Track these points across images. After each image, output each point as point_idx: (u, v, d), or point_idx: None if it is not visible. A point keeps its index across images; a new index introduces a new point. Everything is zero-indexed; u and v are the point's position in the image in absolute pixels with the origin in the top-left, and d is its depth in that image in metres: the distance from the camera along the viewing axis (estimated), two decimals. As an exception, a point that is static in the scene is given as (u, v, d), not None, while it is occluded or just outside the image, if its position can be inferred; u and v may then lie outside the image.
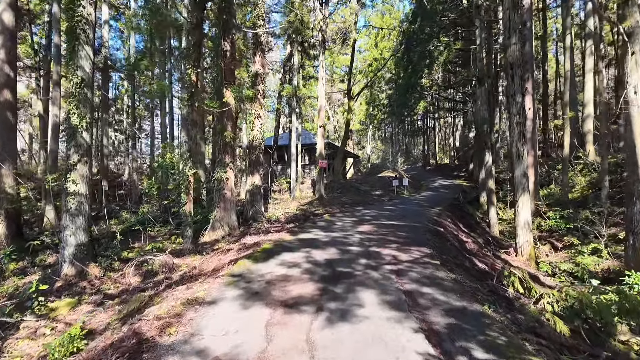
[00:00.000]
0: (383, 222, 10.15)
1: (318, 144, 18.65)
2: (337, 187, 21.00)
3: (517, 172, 10.55)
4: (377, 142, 54.72)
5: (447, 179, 30.82)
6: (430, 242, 7.77)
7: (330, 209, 14.50)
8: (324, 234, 8.00)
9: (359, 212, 12.64)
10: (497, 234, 13.80)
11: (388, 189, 22.91)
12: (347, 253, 6.12)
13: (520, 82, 10.65)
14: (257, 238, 8.78)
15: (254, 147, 11.68)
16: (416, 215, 12.08)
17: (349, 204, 16.04)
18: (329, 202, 16.50)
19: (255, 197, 11.59)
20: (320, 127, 18.43)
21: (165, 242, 10.37)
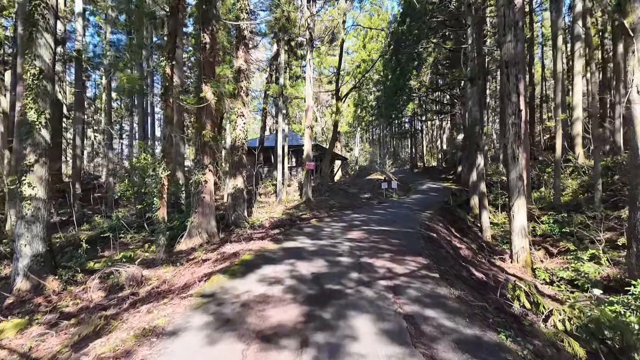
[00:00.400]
0: (374, 228, 9.55)
1: (305, 145, 17.99)
2: (325, 189, 20.38)
3: (513, 174, 10.12)
4: (365, 144, 54.45)
5: (435, 181, 30.59)
6: (425, 250, 7.19)
7: (317, 213, 13.84)
8: (310, 242, 7.32)
9: (348, 217, 12.02)
10: (490, 239, 13.39)
11: (377, 191, 22.40)
12: (336, 265, 5.46)
13: (515, 82, 10.25)
14: (237, 246, 8.03)
15: (236, 147, 10.93)
16: (407, 220, 11.53)
17: (337, 207, 15.41)
18: (317, 206, 15.84)
19: (238, 201, 10.82)
20: (307, 128, 17.77)
21: (138, 250, 9.52)
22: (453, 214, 15.15)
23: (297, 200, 18.88)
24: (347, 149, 47.45)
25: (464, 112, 26.87)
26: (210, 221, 9.02)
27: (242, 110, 10.91)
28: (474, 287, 5.91)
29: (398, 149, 56.64)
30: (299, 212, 13.80)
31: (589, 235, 11.29)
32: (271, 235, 8.83)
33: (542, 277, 9.22)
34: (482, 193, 13.51)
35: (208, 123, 8.86)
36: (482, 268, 8.91)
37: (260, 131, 24.68)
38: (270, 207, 17.72)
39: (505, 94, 10.17)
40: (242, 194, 10.93)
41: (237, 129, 10.91)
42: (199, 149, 8.84)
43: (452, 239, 10.77)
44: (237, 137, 10.88)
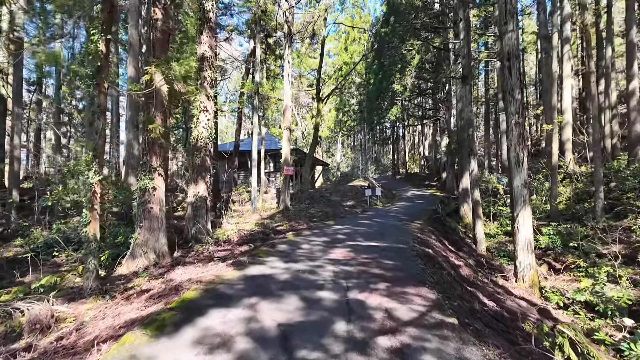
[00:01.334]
0: (361, 244, 8.05)
1: (283, 148, 16.41)
2: (305, 197, 18.81)
3: (517, 181, 8.91)
4: (347, 150, 53.36)
5: (418, 188, 29.61)
6: (426, 274, 5.74)
7: (295, 223, 12.23)
8: (283, 266, 5.72)
9: (330, 229, 10.48)
10: (484, 251, 12.18)
11: (360, 199, 21.03)
12: (315, 307, 3.89)
13: (518, 76, 9.08)
14: (190, 271, 6.33)
15: (198, 148, 9.22)
16: (397, 232, 10.12)
17: (318, 217, 13.86)
18: (295, 215, 14.23)
19: (200, 212, 9.08)
20: (285, 130, 16.22)
21: (69, 274, 7.61)
22: (443, 224, 13.91)
23: (274, 208, 17.21)
24: (329, 154, 46.14)
25: (448, 116, 26.08)
26: (160, 238, 7.25)
27: (205, 104, 9.24)
28: (496, 329, 4.49)
29: (380, 156, 55.88)
30: (274, 223, 12.15)
31: (597, 249, 10.24)
32: (236, 255, 7.16)
33: (553, 299, 7.96)
34: (475, 202, 12.32)
35: (158, 116, 7.14)
36: (488, 290, 7.56)
37: (235, 134, 22.91)
38: (243, 217, 15.98)
39: (507, 90, 8.98)
40: (204, 203, 9.19)
41: (199, 125, 9.21)
42: (147, 148, 7.10)
43: (448, 255, 9.42)
44: (199, 136, 9.18)
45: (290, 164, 16.30)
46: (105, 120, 6.42)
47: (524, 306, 7.45)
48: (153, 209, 7.17)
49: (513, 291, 8.48)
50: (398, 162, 46.37)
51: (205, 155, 9.26)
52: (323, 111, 35.66)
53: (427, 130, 44.80)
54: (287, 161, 16.10)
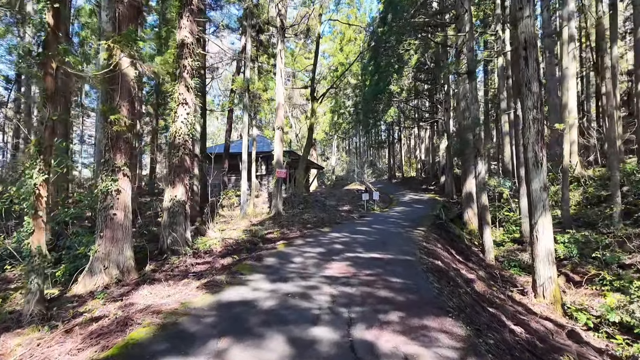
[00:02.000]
0: (362, 255, 6.99)
1: (276, 149, 15.35)
2: (299, 201, 17.72)
3: (535, 184, 7.93)
4: (342, 153, 52.43)
5: (416, 192, 28.70)
6: (443, 296, 4.71)
7: (288, 230, 11.13)
8: (268, 288, 4.64)
9: (326, 237, 9.41)
10: (493, 261, 11.20)
11: (357, 203, 20.00)
12: (307, 357, 2.82)
13: (535, 67, 8.16)
14: (158, 291, 5.22)
15: (176, 145, 8.11)
16: (400, 241, 9.09)
17: (313, 223, 12.78)
18: (288, 222, 13.14)
19: (176, 219, 7.94)
20: (278, 130, 15.17)
21: (18, 293, 6.47)
22: (447, 231, 12.92)
23: (266, 213, 16.10)
24: (323, 157, 45.15)
25: (447, 118, 25.25)
26: (124, 250, 6.11)
27: (185, 96, 8.15)
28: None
29: (375, 159, 55.06)
30: (264, 230, 11.04)
31: (620, 259, 9.31)
32: (215, 271, 6.05)
33: (581, 319, 6.96)
34: (483, 207, 11.35)
35: (124, 105, 6.04)
36: (509, 310, 6.53)
37: (225, 135, 21.81)
38: (232, 223, 14.84)
39: (524, 83, 8.05)
40: (182, 208, 8.06)
41: (177, 120, 8.11)
42: (109, 143, 5.98)
43: (458, 267, 8.40)
44: (177, 132, 8.08)
45: (282, 167, 15.23)
46: (57, 109, 5.30)
47: (550, 328, 6.44)
48: (116, 216, 6.04)
49: (533, 308, 7.48)
50: (394, 165, 45.52)
51: (185, 154, 8.15)
52: (318, 113, 34.70)
53: (423, 133, 44.08)
54: (279, 163, 15.03)
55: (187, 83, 8.18)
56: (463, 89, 14.86)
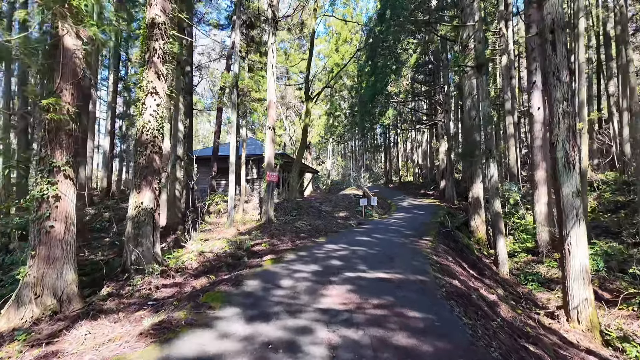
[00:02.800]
0: (365, 276, 5.73)
1: (267, 150, 14.09)
2: (292, 207, 16.43)
3: (566, 188, 6.79)
4: (338, 157, 51.28)
5: (415, 197, 27.56)
6: (481, 342, 3.49)
7: (278, 241, 9.84)
8: (242, 333, 3.36)
9: (322, 250, 8.13)
10: (508, 275, 10.02)
11: (354, 209, 18.78)
12: None
13: (565, 53, 7.03)
14: (101, 330, 3.91)
15: (143, 142, 6.81)
16: (407, 254, 7.86)
17: (307, 232, 11.50)
18: (279, 230, 11.85)
19: (142, 230, 6.62)
20: (269, 129, 13.92)
21: None
22: (455, 241, 11.71)
23: (256, 221, 14.78)
24: (319, 161, 43.94)
25: (447, 120, 24.24)
26: (64, 272, 4.78)
27: (155, 84, 6.88)
28: None
29: (371, 164, 54.00)
30: (251, 241, 9.74)
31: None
32: (182, 298, 4.74)
33: (631, 352, 5.77)
34: (496, 214, 10.18)
35: (65, 88, 4.76)
36: (544, 343, 5.31)
37: (214, 136, 20.50)
38: (217, 231, 13.52)
39: (551, 71, 6.92)
40: (150, 217, 6.75)
41: (145, 112, 6.83)
42: (46, 136, 4.69)
43: (476, 286, 7.18)
44: (144, 126, 6.79)
45: (274, 169, 13.97)
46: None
47: (598, 367, 5.24)
48: (54, 229, 4.72)
49: (568, 336, 6.28)
50: (390, 170, 44.44)
51: (153, 153, 6.85)
52: (313, 115, 33.55)
53: (420, 137, 43.13)
54: (270, 165, 13.77)
55: (158, 69, 6.92)
56: (469, 86, 13.78)
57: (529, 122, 11.74)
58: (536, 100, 11.20)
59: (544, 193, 10.99)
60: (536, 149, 11.18)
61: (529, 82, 11.39)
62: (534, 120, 11.23)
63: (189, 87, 17.95)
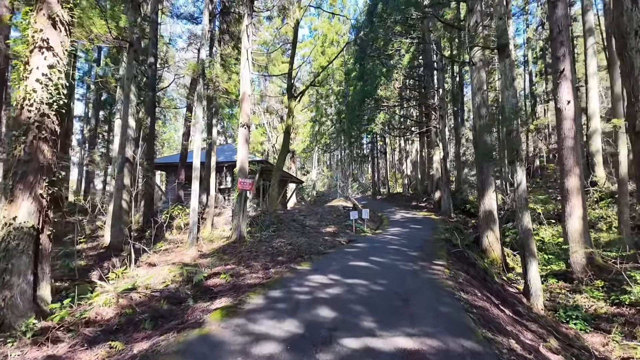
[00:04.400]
0: (376, 346, 3.36)
1: (239, 153, 11.67)
2: (271, 221, 13.91)
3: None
4: (324, 167, 49.11)
5: (407, 210, 25.48)
6: None
7: (246, 269, 7.35)
8: None
9: (304, 286, 5.70)
10: (542, 309, 7.83)
11: (343, 223, 16.42)
12: None
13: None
14: None
15: (23, 123, 4.32)
16: (426, 291, 5.55)
17: (286, 254, 9.05)
18: (251, 252, 9.36)
19: (14, 263, 4.05)
20: (242, 127, 11.54)
21: None
22: (471, 264, 9.49)
23: (226, 238, 12.23)
24: (303, 171, 41.59)
25: (442, 125, 22.40)
26: None
27: (47, 35, 4.44)
28: None
29: (358, 174, 52.06)
30: (209, 269, 7.22)
31: None
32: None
33: None
34: (526, 232, 8.04)
35: None
36: None
37: (182, 138, 17.92)
38: (176, 252, 10.91)
39: (632, 29, 4.89)
40: (28, 242, 4.20)
41: (30, 77, 4.36)
42: None
43: (527, 339, 4.90)
44: (27, 98, 4.31)
45: (247, 176, 11.53)
46: None
47: None
48: None
49: None
50: (378, 181, 42.52)
51: (40, 141, 4.35)
52: (297, 121, 31.38)
53: (409, 147, 41.53)
54: (243, 171, 11.34)
55: (53, 12, 4.48)
56: (477, 79, 11.86)
57: (556, 120, 9.78)
58: (565, 92, 9.28)
59: (578, 205, 8.96)
60: (567, 151, 9.20)
61: (555, 72, 9.49)
62: (563, 116, 9.28)
63: (152, 81, 15.45)
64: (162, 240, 13.05)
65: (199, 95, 11.54)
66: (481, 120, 11.67)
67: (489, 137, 11.62)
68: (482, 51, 12.11)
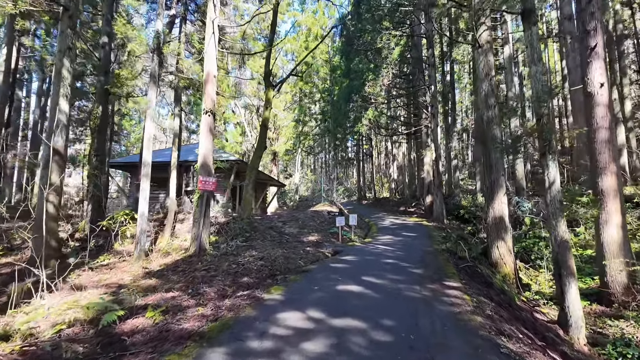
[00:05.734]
0: None
1: (202, 144, 9.55)
2: (243, 229, 11.74)
3: None
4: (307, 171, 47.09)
5: (395, 215, 23.75)
6: None
7: (191, 299, 5.23)
8: None
9: (267, 335, 3.66)
10: (585, 344, 6.05)
11: (327, 230, 14.47)
12: None
13: None
14: None
15: None
16: (446, 333, 3.62)
17: (255, 273, 6.98)
18: (208, 270, 7.23)
19: None
20: (205, 114, 9.43)
21: None
22: (487, 282, 7.65)
23: (185, 250, 10.00)
24: (286, 174, 39.43)
25: (434, 125, 20.80)
26: None
27: None
28: None
29: (343, 178, 50.31)
30: (141, 301, 5.09)
31: None
32: None
33: None
34: (562, 243, 6.25)
35: None
36: None
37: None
38: (118, 268, 8.65)
39: None
40: None
41: None
42: None
43: None
44: None
45: (212, 173, 9.40)
46: None
47: None
48: None
49: None
50: (364, 185, 40.86)
51: None
52: (280, 121, 29.33)
53: (396, 150, 40.11)
54: (206, 167, 9.21)
55: None
56: (484, 64, 10.19)
57: (585, 107, 8.15)
58: (597, 72, 7.67)
59: (617, 210, 7.30)
60: (600, 144, 7.56)
61: (585, 48, 7.87)
62: (595, 102, 7.66)
63: (104, 63, 13.17)
64: (107, 252, 10.69)
65: (152, 75, 9.37)
66: (490, 111, 9.97)
67: (499, 130, 9.94)
68: (489, 31, 10.50)
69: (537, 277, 10.01)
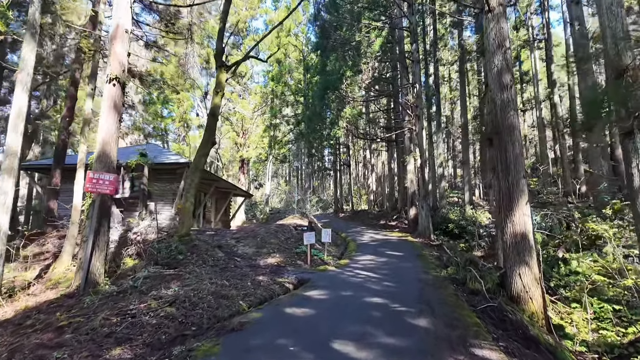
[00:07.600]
0: None
1: (101, 126, 6.48)
2: (175, 250, 8.61)
3: None
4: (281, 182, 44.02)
5: (375, 230, 21.17)
6: None
7: None
8: None
9: None
10: None
11: (293, 250, 11.52)
12: None
13: None
14: None
15: None
16: None
17: (145, 335, 3.99)
18: (77, 329, 4.16)
19: None
20: (110, 83, 6.43)
21: None
22: (527, 336, 4.99)
23: (72, 282, 6.76)
24: (256, 184, 36.17)
25: (419, 128, 18.53)
26: None
27: None
28: None
29: (319, 190, 47.56)
30: None
31: None
32: None
33: None
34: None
35: None
36: None
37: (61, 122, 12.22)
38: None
39: None
40: None
41: None
42: None
43: None
44: None
45: (113, 168, 6.33)
46: None
47: None
48: None
49: None
50: (341, 197, 38.25)
51: None
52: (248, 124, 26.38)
53: (374, 159, 37.96)
54: (105, 159, 6.14)
55: None
56: (497, 33, 7.86)
57: None
58: None
59: None
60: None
61: None
62: None
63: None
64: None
65: (31, 24, 6.32)
66: (505, 93, 7.59)
67: (515, 116, 7.55)
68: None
69: (569, 315, 7.45)
